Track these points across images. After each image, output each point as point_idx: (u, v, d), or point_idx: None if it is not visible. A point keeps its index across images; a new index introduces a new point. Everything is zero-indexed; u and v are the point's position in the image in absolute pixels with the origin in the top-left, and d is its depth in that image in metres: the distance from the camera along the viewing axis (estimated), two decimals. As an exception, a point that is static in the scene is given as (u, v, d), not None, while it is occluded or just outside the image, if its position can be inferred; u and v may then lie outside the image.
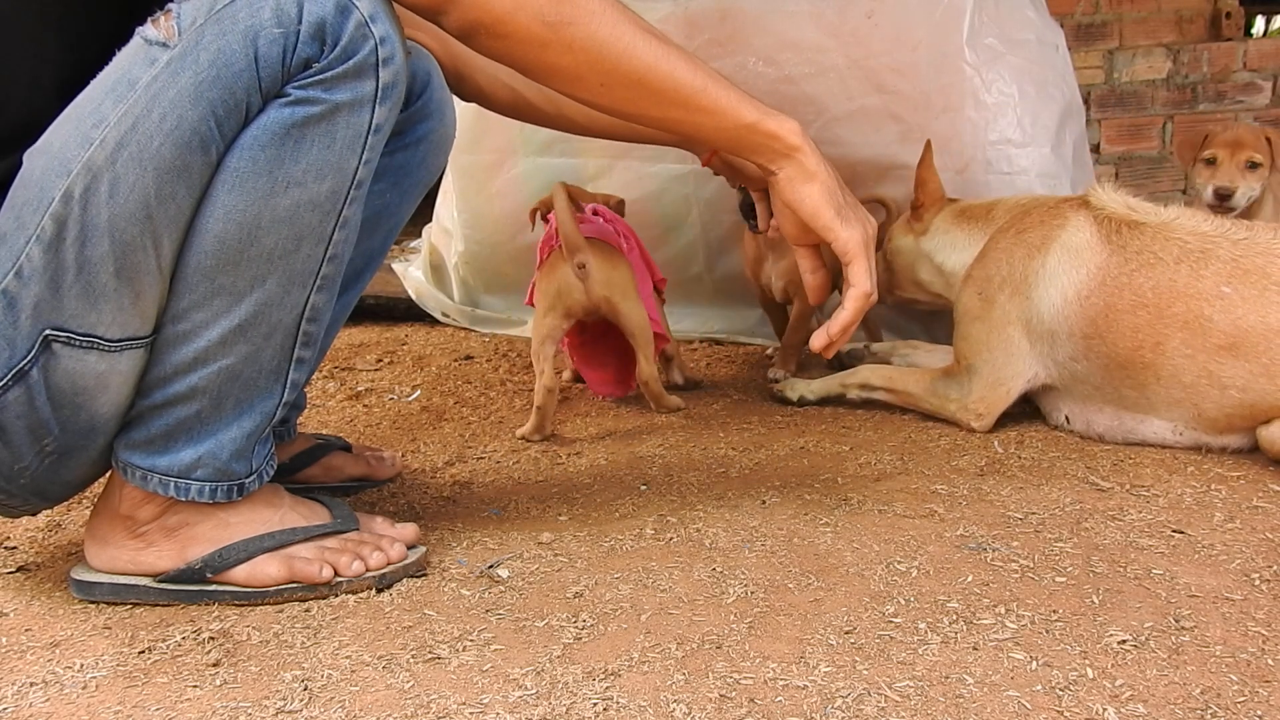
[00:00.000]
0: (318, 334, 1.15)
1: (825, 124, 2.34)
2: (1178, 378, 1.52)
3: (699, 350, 2.54)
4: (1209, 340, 1.49)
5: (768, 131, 1.08)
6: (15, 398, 1.02)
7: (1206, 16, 3.86)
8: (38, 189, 0.99)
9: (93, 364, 1.03)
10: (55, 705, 0.91)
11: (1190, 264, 1.52)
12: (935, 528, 1.24)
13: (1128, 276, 1.56)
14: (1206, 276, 1.50)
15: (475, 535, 1.29)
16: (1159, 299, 1.53)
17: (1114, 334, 1.56)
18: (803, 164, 1.10)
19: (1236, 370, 1.47)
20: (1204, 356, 1.49)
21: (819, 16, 2.31)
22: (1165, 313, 1.52)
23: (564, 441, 1.76)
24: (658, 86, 1.06)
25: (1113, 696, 0.85)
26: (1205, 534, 1.20)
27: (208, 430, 1.10)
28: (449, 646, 0.98)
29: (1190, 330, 1.50)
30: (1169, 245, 1.55)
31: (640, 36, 1.05)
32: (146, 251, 1.00)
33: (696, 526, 1.28)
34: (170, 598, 1.11)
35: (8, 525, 1.40)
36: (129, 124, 0.97)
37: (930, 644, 0.95)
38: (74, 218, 0.98)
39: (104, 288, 1.00)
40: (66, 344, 1.01)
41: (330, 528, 1.18)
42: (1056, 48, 2.41)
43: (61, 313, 1.00)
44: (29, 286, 0.99)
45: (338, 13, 0.99)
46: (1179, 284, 1.52)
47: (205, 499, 1.11)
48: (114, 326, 1.02)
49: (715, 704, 0.86)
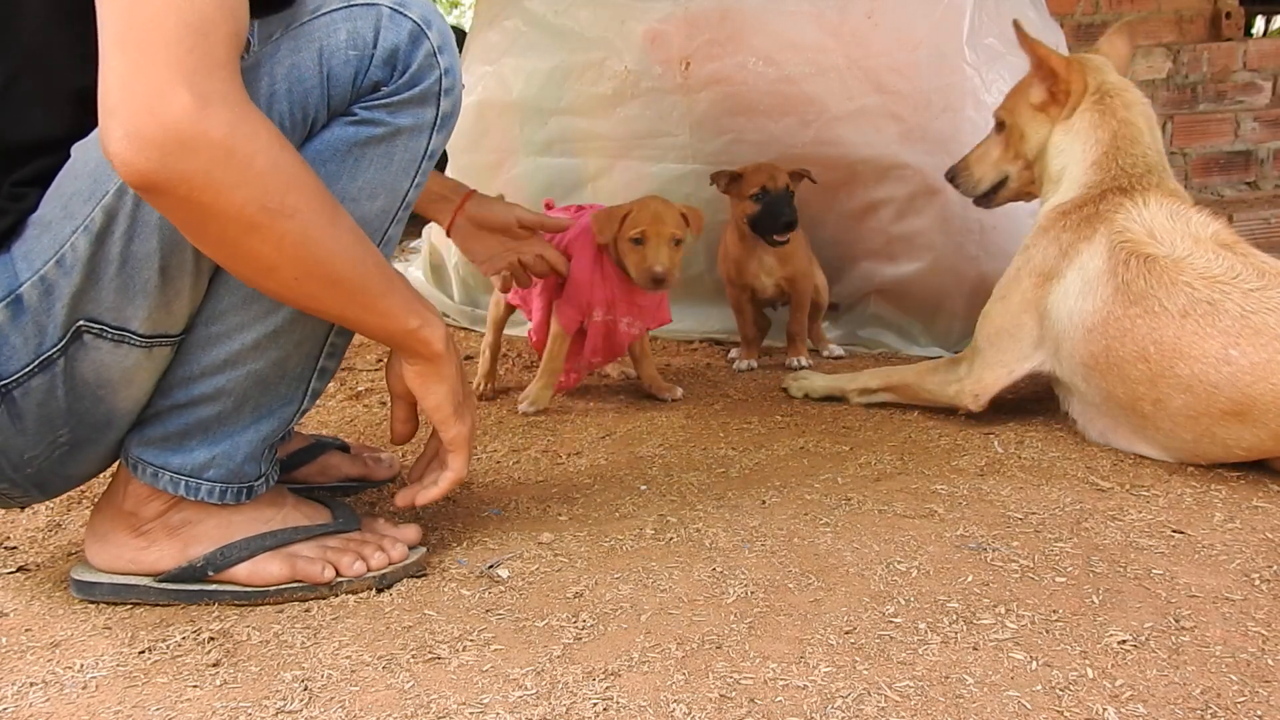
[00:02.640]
0: (343, 346, 1.16)
1: (825, 124, 2.34)
2: (1178, 433, 1.45)
3: (699, 350, 2.54)
4: (1215, 407, 1.39)
5: (422, 339, 1.10)
6: (38, 385, 1.02)
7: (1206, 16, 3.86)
8: (90, 180, 0.98)
9: (121, 358, 1.03)
10: (55, 705, 0.91)
11: (1196, 320, 1.41)
12: (935, 528, 1.24)
13: (1130, 322, 1.47)
14: (1213, 336, 1.39)
15: (475, 535, 1.29)
16: (1161, 356, 1.43)
17: (1114, 378, 1.50)
18: (439, 369, 1.13)
19: (1243, 434, 1.39)
20: (1208, 420, 1.40)
21: (819, 16, 2.31)
22: (1167, 372, 1.43)
23: (564, 442, 1.76)
24: (349, 288, 1.02)
25: (1113, 696, 0.85)
26: (1205, 534, 1.20)
27: (225, 432, 1.10)
28: (449, 646, 0.98)
29: (1193, 395, 1.41)
30: (1175, 293, 1.44)
31: (346, 237, 1.00)
32: (192, 252, 1.01)
33: (696, 526, 1.28)
34: (170, 598, 1.11)
35: (8, 525, 1.40)
36: None
37: (930, 644, 0.95)
38: (126, 212, 0.98)
39: (144, 284, 1.00)
40: (98, 335, 1.01)
41: (332, 527, 1.18)
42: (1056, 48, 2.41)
43: (97, 304, 1.00)
44: (69, 275, 0.99)
45: (410, 41, 1.03)
46: (1183, 344, 1.42)
47: (214, 500, 1.11)
48: (148, 323, 1.02)
49: (715, 704, 0.86)
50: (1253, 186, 3.83)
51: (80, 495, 1.50)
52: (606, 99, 2.47)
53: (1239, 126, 3.86)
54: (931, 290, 2.37)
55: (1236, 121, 3.86)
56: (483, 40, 2.64)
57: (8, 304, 0.99)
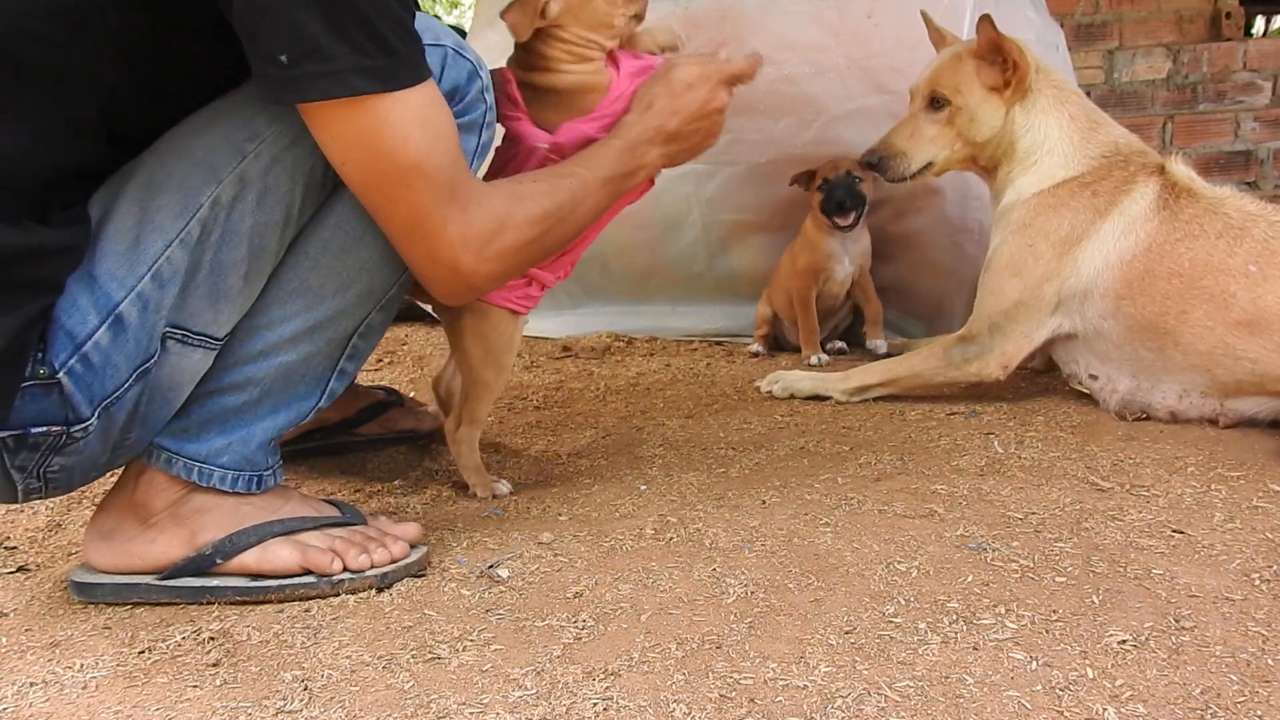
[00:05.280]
0: (365, 350, 1.22)
1: (825, 124, 2.34)
2: (1195, 346, 1.63)
3: (699, 349, 2.55)
4: (1230, 315, 1.60)
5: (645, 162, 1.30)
6: (132, 395, 1.05)
7: (1206, 16, 3.86)
8: (181, 194, 1.03)
9: (195, 361, 1.09)
10: (55, 705, 0.91)
11: (1228, 240, 1.64)
12: (935, 528, 1.24)
13: (1171, 245, 1.67)
14: (1238, 253, 1.62)
15: (475, 535, 1.29)
16: (1193, 270, 1.64)
17: (1145, 297, 1.68)
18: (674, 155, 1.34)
19: (1251, 345, 1.58)
20: (1223, 329, 1.60)
21: (819, 16, 2.31)
22: (1196, 284, 1.63)
23: (564, 442, 1.76)
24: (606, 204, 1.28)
25: (1113, 696, 0.85)
26: (1205, 534, 1.20)
27: (243, 420, 1.13)
28: (449, 646, 0.98)
29: (1215, 304, 1.61)
30: (1215, 219, 1.67)
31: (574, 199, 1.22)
32: (273, 257, 1.10)
33: (696, 526, 1.28)
34: (172, 595, 1.11)
35: (7, 525, 1.40)
36: (285, 142, 1.05)
37: (930, 644, 0.95)
38: (219, 223, 1.04)
39: (229, 289, 1.07)
40: (181, 341, 1.06)
41: (338, 520, 1.20)
42: (1056, 48, 2.41)
43: (182, 311, 1.05)
44: (166, 288, 1.04)
45: (467, 79, 1.15)
46: (1214, 259, 1.63)
47: (225, 486, 1.13)
48: (225, 325, 1.09)
49: (715, 704, 0.86)
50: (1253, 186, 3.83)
51: (81, 495, 1.50)
52: (607, 99, 2.46)
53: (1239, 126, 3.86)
54: (930, 290, 2.37)
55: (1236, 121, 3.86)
56: (483, 40, 2.63)
57: (109, 325, 1.02)
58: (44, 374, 1.00)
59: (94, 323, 1.01)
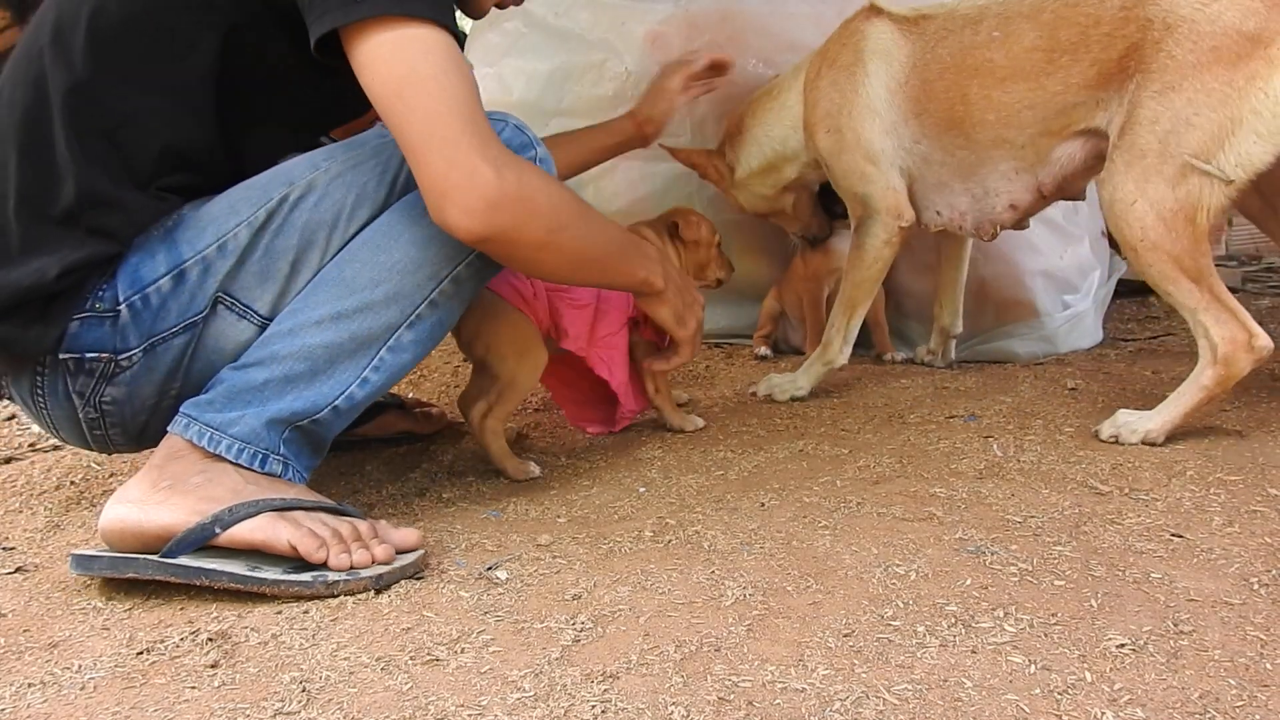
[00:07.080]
0: (391, 366, 1.28)
1: (825, 126, 2.34)
2: (985, 118, 1.80)
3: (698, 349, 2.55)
4: (995, 77, 1.78)
5: (650, 283, 1.47)
6: (178, 343, 1.23)
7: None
8: (260, 190, 1.25)
9: (240, 331, 1.25)
10: (54, 706, 0.91)
11: (971, 25, 1.84)
12: (934, 531, 1.24)
13: (930, 52, 1.88)
14: (982, 30, 1.82)
15: (474, 537, 1.29)
16: (956, 59, 1.84)
17: (934, 102, 1.87)
18: (662, 298, 1.53)
19: (1019, 92, 1.75)
20: (996, 92, 1.78)
21: (819, 18, 2.31)
22: (962, 67, 1.82)
23: (563, 444, 1.76)
24: (604, 264, 1.39)
25: (1111, 700, 0.85)
26: (1204, 538, 1.20)
27: (261, 397, 1.21)
28: (447, 648, 0.98)
29: (981, 74, 1.80)
30: (955, 19, 1.88)
31: (596, 230, 1.34)
32: (320, 253, 1.25)
33: (695, 529, 1.28)
34: (169, 573, 1.11)
35: (7, 525, 1.40)
36: (352, 164, 1.28)
37: (929, 647, 0.95)
38: (280, 214, 1.24)
39: (277, 272, 1.24)
40: (229, 308, 1.24)
41: (340, 508, 1.22)
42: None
43: (235, 282, 1.23)
44: (226, 258, 1.23)
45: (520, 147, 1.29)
46: (965, 41, 1.83)
47: (231, 456, 1.18)
48: (267, 304, 1.25)
49: (714, 706, 0.86)
50: (1252, 190, 3.82)
51: (80, 496, 1.51)
52: (607, 100, 2.47)
53: None
54: (930, 294, 2.37)
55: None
56: (483, 41, 2.64)
57: (172, 276, 1.21)
58: (102, 307, 1.20)
59: (161, 271, 1.21)
